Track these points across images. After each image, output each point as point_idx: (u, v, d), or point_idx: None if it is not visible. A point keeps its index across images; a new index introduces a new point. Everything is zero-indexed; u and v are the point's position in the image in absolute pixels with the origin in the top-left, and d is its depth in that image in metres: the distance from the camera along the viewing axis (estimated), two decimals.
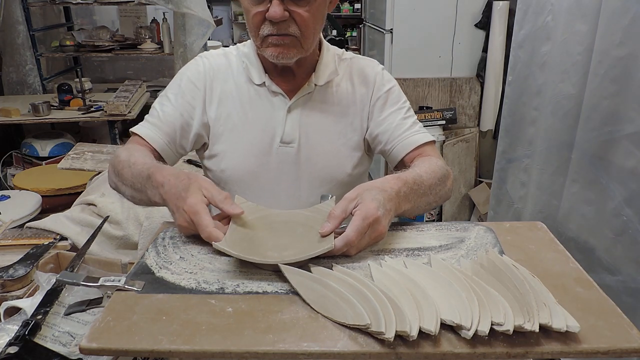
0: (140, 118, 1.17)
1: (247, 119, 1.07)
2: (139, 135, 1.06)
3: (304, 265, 0.74)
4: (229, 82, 1.08)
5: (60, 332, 0.81)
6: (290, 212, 0.89)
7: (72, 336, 0.80)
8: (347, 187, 1.02)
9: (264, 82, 1.06)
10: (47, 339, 0.80)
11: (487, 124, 3.00)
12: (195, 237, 0.84)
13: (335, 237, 0.76)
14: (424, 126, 1.17)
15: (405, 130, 1.10)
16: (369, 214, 0.77)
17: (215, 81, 1.08)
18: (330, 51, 1.12)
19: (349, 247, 0.76)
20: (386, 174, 3.34)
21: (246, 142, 1.06)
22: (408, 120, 1.12)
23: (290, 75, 1.07)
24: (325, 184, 1.09)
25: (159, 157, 1.05)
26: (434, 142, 1.12)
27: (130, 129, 1.10)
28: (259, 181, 1.07)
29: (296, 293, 0.69)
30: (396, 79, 1.20)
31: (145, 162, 0.94)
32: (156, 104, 1.10)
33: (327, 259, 0.77)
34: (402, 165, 1.09)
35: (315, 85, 1.07)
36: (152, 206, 1.00)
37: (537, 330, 0.59)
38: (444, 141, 2.92)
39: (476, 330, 0.59)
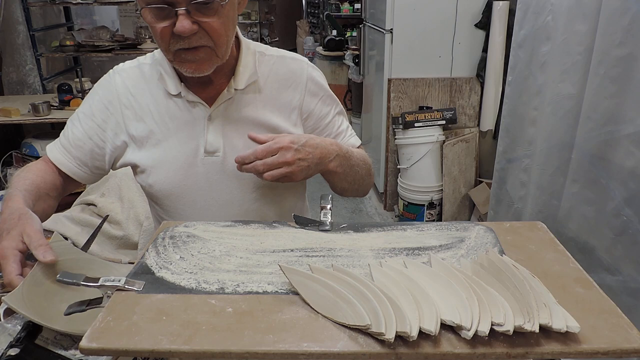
0: None
1: (168, 132, 1.03)
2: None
3: (303, 265, 0.74)
4: (145, 96, 1.04)
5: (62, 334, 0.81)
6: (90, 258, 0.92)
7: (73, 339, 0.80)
8: (282, 189, 1.07)
9: (180, 93, 1.01)
10: (48, 341, 0.80)
11: (487, 124, 3.00)
12: (196, 237, 0.84)
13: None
14: (424, 126, 1.18)
15: (342, 133, 1.14)
16: (280, 140, 0.90)
17: (132, 97, 1.04)
18: (251, 50, 1.06)
19: (252, 157, 0.89)
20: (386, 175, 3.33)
21: (170, 156, 1.02)
22: (343, 123, 1.15)
23: (208, 82, 1.02)
24: (259, 188, 1.06)
25: (69, 178, 1.06)
26: (361, 145, 1.18)
27: (47, 146, 1.09)
28: (189, 193, 1.04)
29: (296, 293, 0.69)
30: (396, 79, 1.21)
31: (17, 186, 0.95)
32: (69, 122, 1.08)
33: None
34: None
35: (235, 90, 1.02)
36: None
37: (537, 330, 0.59)
38: (444, 141, 2.92)
39: (476, 331, 0.59)
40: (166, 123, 1.03)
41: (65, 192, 1.09)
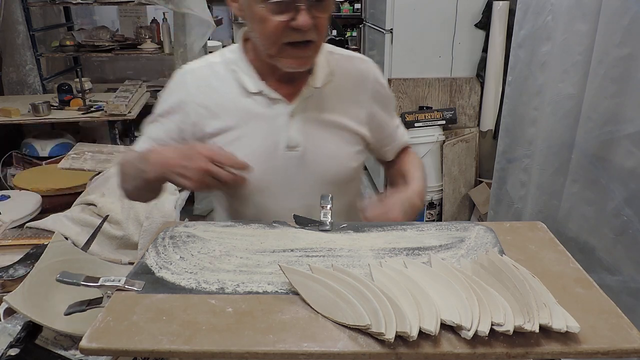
0: (140, 118, 1.17)
1: (247, 128, 1.05)
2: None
3: (303, 265, 0.74)
4: (219, 94, 1.05)
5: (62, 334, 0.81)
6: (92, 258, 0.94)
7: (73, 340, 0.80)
8: (351, 181, 1.14)
9: (262, 91, 1.04)
10: (48, 341, 0.80)
11: (487, 124, 3.00)
12: (196, 237, 0.84)
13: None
14: (424, 126, 1.22)
15: (395, 129, 1.21)
16: (394, 217, 0.98)
17: (205, 96, 1.05)
18: (322, 49, 1.10)
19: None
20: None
21: (249, 151, 1.04)
22: (396, 120, 1.22)
23: (290, 79, 1.05)
24: (333, 182, 1.10)
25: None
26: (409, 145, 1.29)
27: (119, 162, 1.10)
28: (268, 187, 1.07)
29: (296, 293, 0.69)
30: (396, 79, 1.23)
31: (137, 155, 0.99)
32: (149, 126, 1.10)
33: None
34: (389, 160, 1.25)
35: (314, 87, 1.06)
36: (151, 194, 1.07)
37: (537, 330, 0.59)
38: (444, 141, 2.92)
39: (476, 331, 0.59)
40: (244, 119, 1.05)
41: None
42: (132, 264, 1.04)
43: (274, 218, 0.97)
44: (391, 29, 3.00)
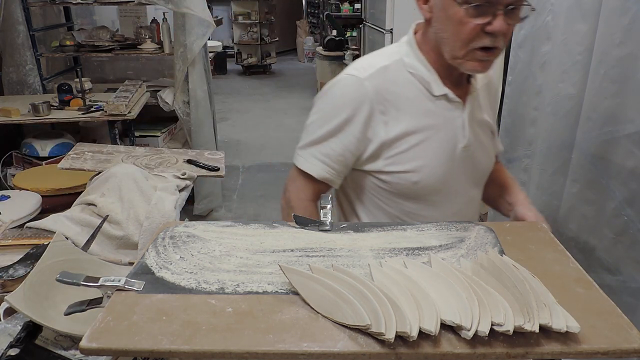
0: (140, 118, 1.17)
1: (430, 132, 1.06)
2: (308, 174, 1.08)
3: (303, 265, 0.74)
4: (401, 99, 1.05)
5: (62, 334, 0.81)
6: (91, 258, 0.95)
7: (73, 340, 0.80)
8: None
9: (446, 94, 1.06)
10: (48, 341, 0.80)
11: None
12: (196, 237, 0.84)
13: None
14: None
15: (496, 133, 1.27)
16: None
17: (387, 102, 1.04)
18: None
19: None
20: None
21: (432, 155, 1.06)
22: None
23: (460, 80, 1.09)
24: (485, 175, 1.20)
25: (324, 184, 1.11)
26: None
27: (297, 165, 1.10)
28: (446, 186, 1.10)
29: (296, 293, 0.69)
30: None
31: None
32: (315, 150, 1.07)
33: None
34: None
35: (477, 87, 1.12)
36: None
37: (537, 330, 0.59)
38: None
39: (476, 331, 0.59)
40: (428, 122, 1.06)
41: None
42: (132, 264, 1.04)
43: (445, 215, 1.07)
44: (391, 29, 3.00)
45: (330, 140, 1.06)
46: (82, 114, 2.86)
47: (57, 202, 1.94)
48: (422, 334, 0.59)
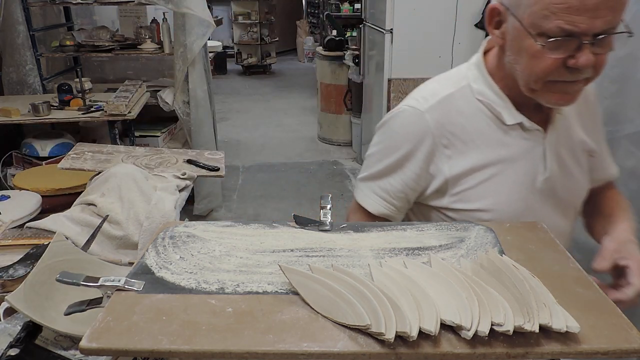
0: (140, 118, 1.16)
1: (503, 165, 0.96)
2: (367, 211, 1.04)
3: (303, 265, 0.74)
4: (467, 131, 0.96)
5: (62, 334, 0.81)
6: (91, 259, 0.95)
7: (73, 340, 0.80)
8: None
9: (521, 122, 0.95)
10: (48, 341, 0.80)
11: None
12: (196, 237, 0.84)
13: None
14: None
15: (605, 153, 1.10)
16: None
17: (451, 135, 0.96)
18: None
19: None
20: None
21: (506, 190, 0.96)
22: (604, 142, 1.10)
23: (542, 107, 0.94)
24: (574, 207, 1.05)
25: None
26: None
27: (357, 199, 1.06)
28: (526, 219, 0.97)
29: (296, 293, 0.69)
30: (396, 79, 1.21)
31: None
32: (374, 185, 1.03)
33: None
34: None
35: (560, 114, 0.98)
36: None
37: (537, 330, 0.59)
38: None
39: (476, 331, 0.59)
40: (500, 154, 0.96)
41: None
42: (132, 264, 1.04)
43: None
44: (391, 29, 3.00)
45: (390, 176, 1.01)
46: (82, 114, 2.86)
47: (57, 202, 1.94)
48: (422, 334, 0.59)
